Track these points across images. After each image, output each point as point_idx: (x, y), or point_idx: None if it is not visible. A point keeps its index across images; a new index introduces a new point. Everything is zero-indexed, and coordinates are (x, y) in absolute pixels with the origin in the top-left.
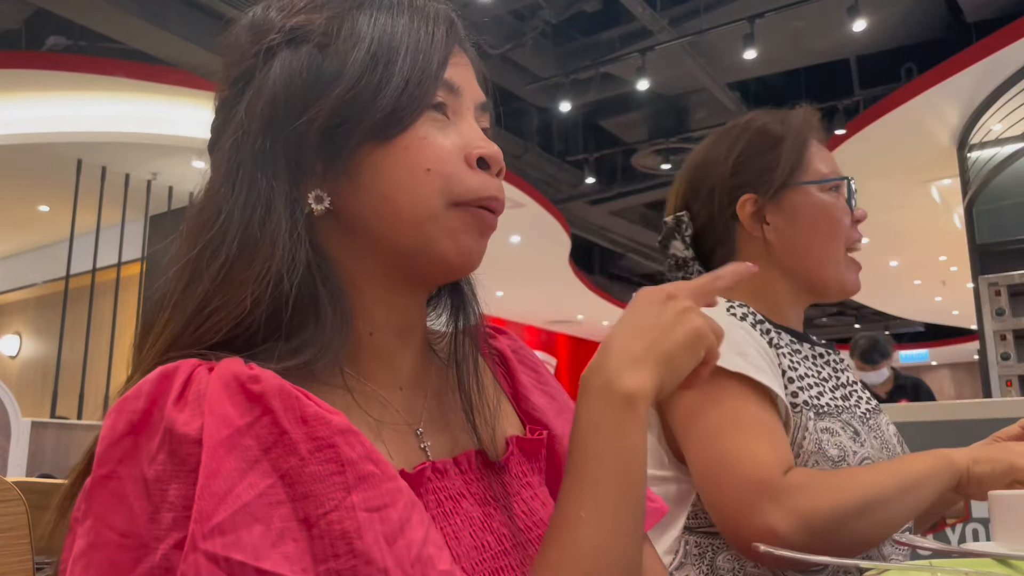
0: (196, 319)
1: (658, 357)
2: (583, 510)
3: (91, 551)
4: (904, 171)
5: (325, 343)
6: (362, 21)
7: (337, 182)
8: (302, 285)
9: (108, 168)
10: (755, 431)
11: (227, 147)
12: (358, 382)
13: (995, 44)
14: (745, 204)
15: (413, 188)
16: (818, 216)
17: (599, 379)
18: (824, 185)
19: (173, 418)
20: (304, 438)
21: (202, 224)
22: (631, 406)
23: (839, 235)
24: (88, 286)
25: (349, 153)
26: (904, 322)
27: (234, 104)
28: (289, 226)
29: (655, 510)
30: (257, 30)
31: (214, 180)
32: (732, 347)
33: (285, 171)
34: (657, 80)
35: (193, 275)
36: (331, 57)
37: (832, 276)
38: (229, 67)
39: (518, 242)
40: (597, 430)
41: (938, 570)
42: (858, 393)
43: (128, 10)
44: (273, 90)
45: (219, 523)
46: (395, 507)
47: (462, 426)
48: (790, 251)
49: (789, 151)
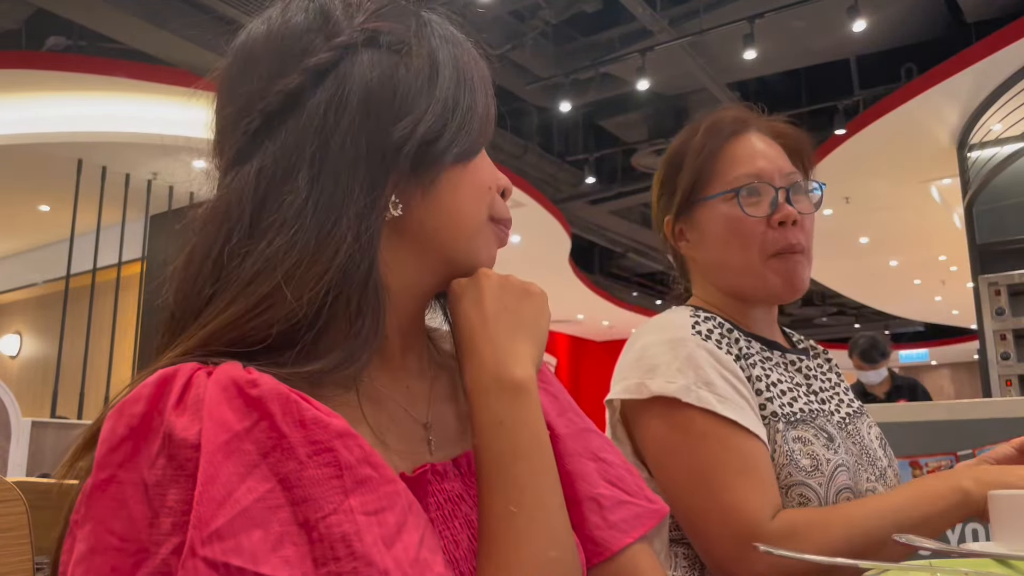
0: (255, 310)
1: (525, 337)
2: (511, 504)
3: (91, 555)
4: (904, 171)
5: (354, 351)
6: (435, 44)
7: (411, 190)
8: (356, 291)
9: (108, 168)
10: (737, 472)
11: (307, 139)
12: (364, 381)
13: (995, 44)
14: (667, 225)
15: (476, 205)
16: (723, 229)
17: (485, 378)
18: (744, 194)
19: (172, 423)
20: (302, 442)
21: (283, 221)
22: (524, 393)
23: (750, 244)
24: (88, 286)
25: (437, 169)
26: (904, 322)
27: (304, 92)
28: (358, 230)
29: (656, 511)
30: (331, 22)
31: (285, 170)
32: (698, 378)
33: (368, 173)
34: (657, 80)
35: (265, 270)
36: (417, 72)
37: (752, 285)
38: (288, 54)
39: (518, 242)
40: (500, 425)
41: (938, 570)
42: (839, 396)
43: (128, 10)
44: (368, 89)
45: (217, 528)
46: (393, 510)
47: (463, 424)
48: (711, 265)
49: (690, 166)
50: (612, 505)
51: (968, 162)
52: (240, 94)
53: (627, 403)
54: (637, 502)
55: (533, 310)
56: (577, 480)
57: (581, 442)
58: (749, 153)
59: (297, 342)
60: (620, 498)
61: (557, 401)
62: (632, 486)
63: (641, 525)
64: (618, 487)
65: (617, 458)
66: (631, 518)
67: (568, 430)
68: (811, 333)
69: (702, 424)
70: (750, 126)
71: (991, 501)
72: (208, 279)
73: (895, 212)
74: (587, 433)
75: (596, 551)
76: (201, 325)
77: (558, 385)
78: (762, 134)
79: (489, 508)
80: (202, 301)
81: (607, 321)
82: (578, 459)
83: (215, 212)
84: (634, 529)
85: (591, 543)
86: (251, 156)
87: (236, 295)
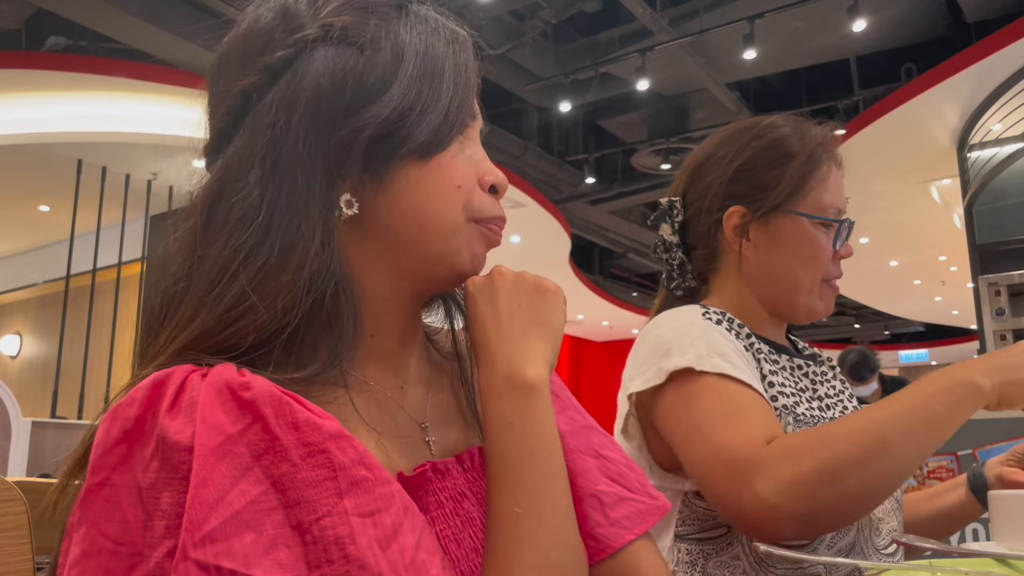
0: (225, 319)
1: (539, 336)
2: (517, 505)
3: (85, 558)
4: (904, 171)
5: (338, 351)
6: (404, 35)
7: (366, 188)
8: (328, 292)
9: (108, 168)
10: (735, 413)
11: (259, 138)
12: (359, 383)
13: (995, 44)
14: (732, 215)
15: (444, 202)
16: (801, 248)
17: (497, 377)
18: (830, 226)
19: (166, 426)
20: (295, 444)
21: (235, 221)
22: (535, 393)
23: (818, 269)
24: (88, 286)
25: (390, 165)
26: (904, 322)
27: (260, 91)
28: (323, 232)
29: (658, 507)
30: (291, 19)
31: (237, 170)
32: (711, 349)
33: (323, 173)
34: (657, 80)
35: (225, 275)
36: (377, 65)
37: (801, 303)
38: (251, 53)
39: (518, 242)
40: (510, 426)
41: (938, 570)
42: (843, 403)
43: (128, 10)
44: (318, 87)
45: (210, 531)
46: (388, 512)
47: (465, 422)
48: (763, 273)
49: (793, 174)
50: (613, 502)
51: (968, 162)
52: (214, 94)
53: (643, 394)
54: (639, 499)
55: (547, 308)
56: (578, 477)
57: (582, 439)
58: (838, 185)
59: (277, 346)
60: (621, 495)
61: (558, 398)
62: (634, 483)
63: (643, 522)
64: (619, 484)
65: (618, 455)
66: (633, 515)
67: (569, 427)
68: (811, 333)
69: (711, 383)
70: (833, 151)
71: (991, 501)
72: (177, 281)
73: (895, 212)
74: (588, 430)
75: (598, 548)
76: (173, 334)
77: (558, 382)
78: (836, 164)
79: (496, 508)
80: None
81: (607, 321)
82: (579, 456)
83: (186, 214)
84: (636, 526)
85: (592, 540)
86: (218, 157)
87: (199, 301)
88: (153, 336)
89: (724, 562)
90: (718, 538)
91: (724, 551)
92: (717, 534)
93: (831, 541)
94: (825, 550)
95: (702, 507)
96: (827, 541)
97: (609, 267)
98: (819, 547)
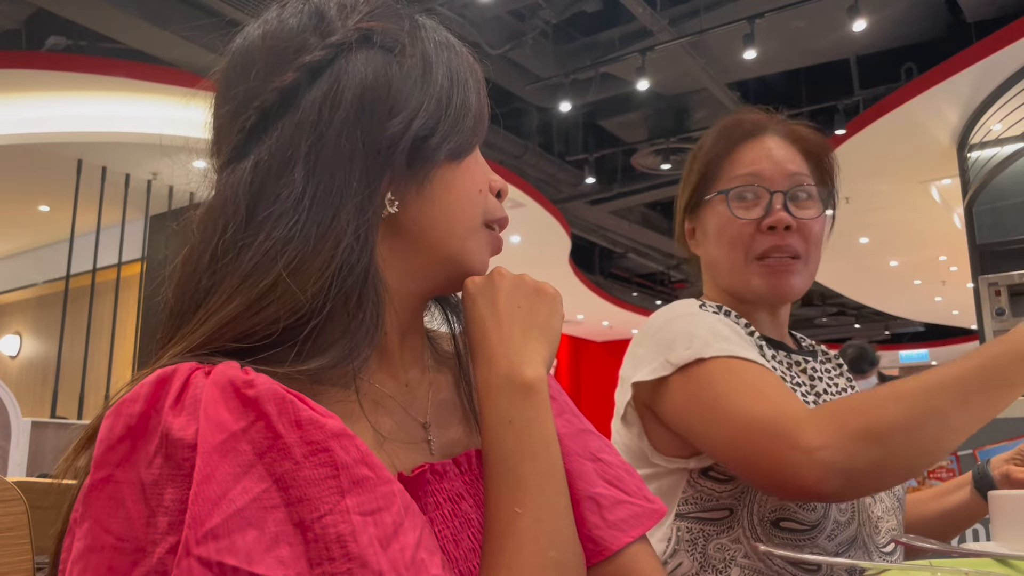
0: (258, 304)
1: (537, 337)
2: (516, 505)
3: (88, 554)
4: (904, 171)
5: (356, 346)
6: (428, 44)
7: (407, 187)
8: (356, 284)
9: (108, 168)
10: (752, 386)
11: (302, 135)
12: (363, 380)
13: (995, 44)
14: (684, 223)
15: (469, 205)
16: (715, 229)
17: (496, 377)
18: (733, 196)
19: (170, 423)
20: (298, 442)
21: (279, 214)
22: (534, 393)
23: (737, 246)
24: (88, 286)
25: (432, 165)
26: (904, 322)
27: (299, 90)
28: (356, 225)
29: (654, 511)
30: (325, 22)
31: (280, 165)
32: (715, 335)
33: (362, 169)
34: (657, 80)
35: (264, 263)
36: (413, 69)
37: (739, 285)
38: (283, 53)
39: (518, 242)
40: (509, 424)
41: (938, 570)
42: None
43: (128, 10)
44: (362, 87)
45: (212, 528)
46: (389, 511)
47: (463, 424)
48: (708, 264)
49: (699, 167)
50: (611, 505)
51: (968, 162)
52: (237, 93)
53: (644, 385)
54: (636, 502)
55: (546, 310)
56: (576, 480)
57: (579, 442)
58: (754, 156)
59: (298, 338)
60: (618, 498)
61: (555, 402)
62: (631, 486)
63: (640, 524)
64: (617, 487)
65: (615, 458)
66: (630, 518)
67: (566, 430)
68: (811, 333)
69: (722, 365)
70: (766, 129)
71: (991, 501)
72: (205, 272)
73: (895, 212)
74: (585, 434)
75: (595, 551)
76: (202, 320)
77: (556, 386)
78: (779, 137)
79: (494, 508)
80: (200, 294)
81: (607, 321)
82: (576, 459)
83: (212, 209)
84: (633, 528)
85: (590, 542)
86: (248, 153)
87: (235, 289)
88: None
89: (724, 545)
90: (720, 520)
91: (724, 534)
92: (719, 515)
93: (831, 533)
94: (825, 541)
95: (707, 486)
96: (827, 532)
97: (609, 267)
98: (819, 538)
